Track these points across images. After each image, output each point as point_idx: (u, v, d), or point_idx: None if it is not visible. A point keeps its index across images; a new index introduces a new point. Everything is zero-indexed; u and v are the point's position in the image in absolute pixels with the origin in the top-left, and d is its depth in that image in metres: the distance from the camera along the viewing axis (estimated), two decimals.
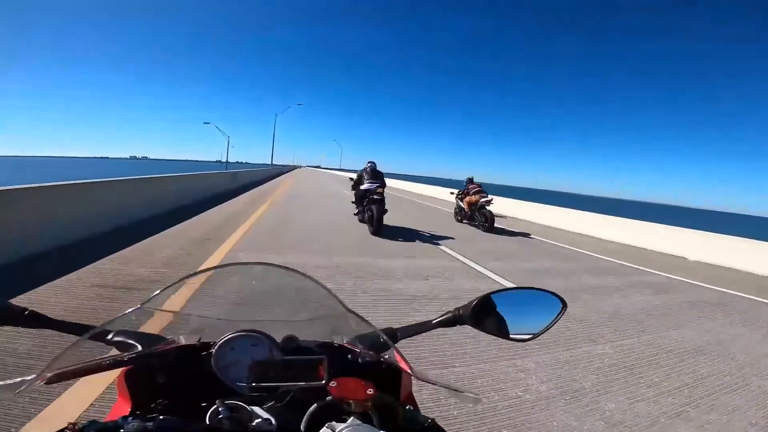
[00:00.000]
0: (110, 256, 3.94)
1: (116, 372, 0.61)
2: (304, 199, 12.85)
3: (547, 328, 0.71)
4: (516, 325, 0.70)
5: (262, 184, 19.44)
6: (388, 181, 8.78)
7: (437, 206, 14.63)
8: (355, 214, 8.20)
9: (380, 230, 6.76)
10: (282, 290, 0.88)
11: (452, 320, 0.71)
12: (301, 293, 0.84)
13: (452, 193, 10.89)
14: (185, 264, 3.92)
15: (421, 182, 25.57)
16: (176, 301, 0.86)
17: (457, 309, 0.71)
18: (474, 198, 9.15)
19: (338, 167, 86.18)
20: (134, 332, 0.62)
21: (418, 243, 6.52)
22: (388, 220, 7.39)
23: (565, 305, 0.73)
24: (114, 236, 4.84)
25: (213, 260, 4.14)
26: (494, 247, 6.89)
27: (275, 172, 35.47)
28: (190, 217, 6.82)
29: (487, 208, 8.91)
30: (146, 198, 6.79)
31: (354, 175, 8.32)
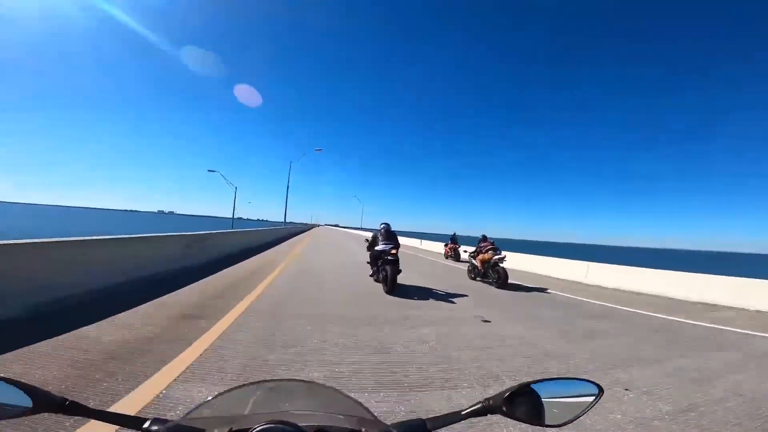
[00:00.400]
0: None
1: None
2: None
3: (583, 413, 0.71)
4: (548, 413, 0.70)
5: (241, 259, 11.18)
6: (403, 240, 9.24)
7: (452, 264, 14.89)
8: (370, 275, 8.42)
9: (394, 289, 6.99)
10: (311, 394, 1.01)
11: (483, 410, 0.70)
12: (329, 399, 0.96)
13: (465, 251, 11.38)
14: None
15: (435, 240, 24.56)
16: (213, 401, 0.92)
17: (488, 399, 0.71)
18: (487, 255, 9.41)
19: (359, 226, 78.90)
20: (171, 422, 0.66)
21: (431, 301, 6.60)
22: (403, 279, 7.69)
23: (601, 391, 0.73)
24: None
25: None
26: (504, 301, 7.19)
27: (284, 233, 28.02)
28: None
29: (501, 265, 9.06)
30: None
31: (369, 236, 8.67)
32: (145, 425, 0.64)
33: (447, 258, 17.21)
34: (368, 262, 8.60)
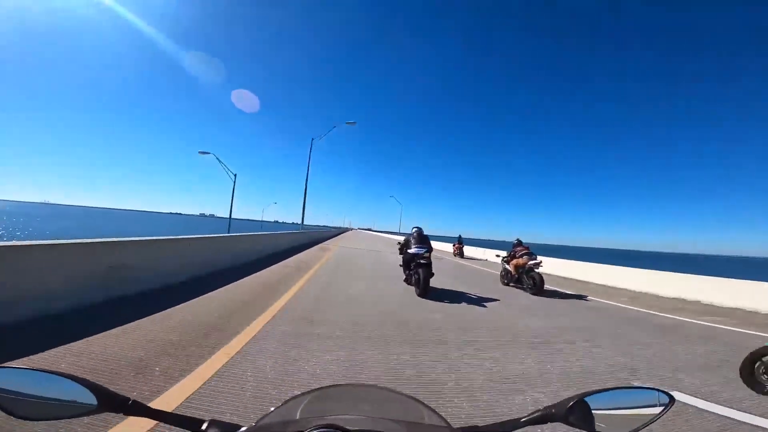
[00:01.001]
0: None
1: None
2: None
3: (648, 424, 0.67)
4: (613, 421, 0.67)
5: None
6: (436, 244, 9.29)
7: (485, 269, 14.55)
8: (405, 280, 8.37)
9: (427, 293, 6.97)
10: (370, 396, 0.99)
11: (542, 417, 0.67)
12: (389, 401, 0.93)
13: (498, 256, 11.05)
14: None
15: (472, 245, 24.24)
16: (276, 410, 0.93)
17: (549, 407, 0.68)
18: (521, 260, 9.09)
19: (396, 230, 67.32)
20: (227, 424, 0.67)
21: (463, 304, 6.58)
22: (436, 283, 7.70)
23: (672, 400, 0.70)
24: None
25: None
26: (536, 307, 6.94)
27: (304, 239, 21.43)
28: None
29: (536, 270, 8.71)
30: None
31: (402, 239, 8.78)
32: (203, 427, 0.65)
33: (455, 256, 21.41)
34: (401, 265, 8.65)
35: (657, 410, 0.69)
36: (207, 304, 5.06)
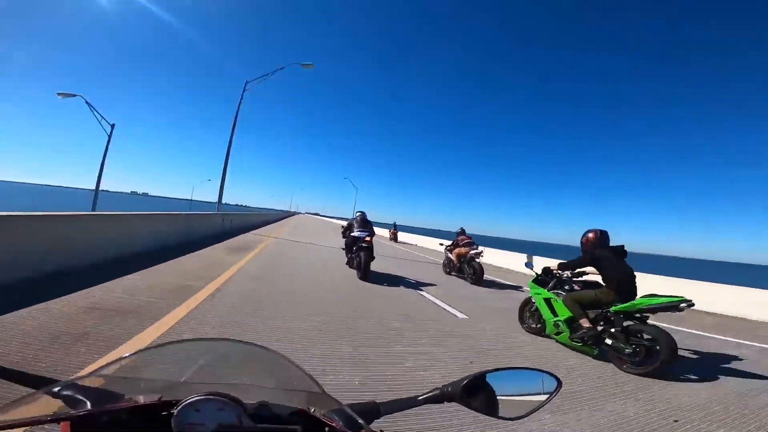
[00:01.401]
0: None
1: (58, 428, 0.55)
2: None
3: (540, 407, 0.71)
4: (507, 403, 0.70)
5: None
6: (379, 230, 9.18)
7: (433, 258, 14.68)
8: (347, 263, 8.43)
9: (368, 276, 7.09)
10: (255, 361, 0.85)
11: (440, 396, 0.69)
12: (275, 367, 0.82)
13: (441, 245, 11.03)
14: None
15: (416, 233, 25.90)
16: (139, 364, 0.79)
17: (446, 386, 0.70)
18: (463, 250, 9.11)
19: (350, 215, 53.37)
20: (86, 387, 0.57)
21: (401, 288, 6.86)
22: (378, 268, 7.85)
23: (560, 384, 0.73)
24: None
25: None
26: (470, 294, 7.20)
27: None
28: None
29: (477, 260, 8.76)
30: None
31: (345, 223, 8.83)
32: (56, 389, 0.55)
33: (390, 240, 24.15)
34: (343, 248, 8.69)
35: (547, 393, 0.72)
36: None
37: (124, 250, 6.44)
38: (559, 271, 4.39)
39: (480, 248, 9.16)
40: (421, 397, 0.69)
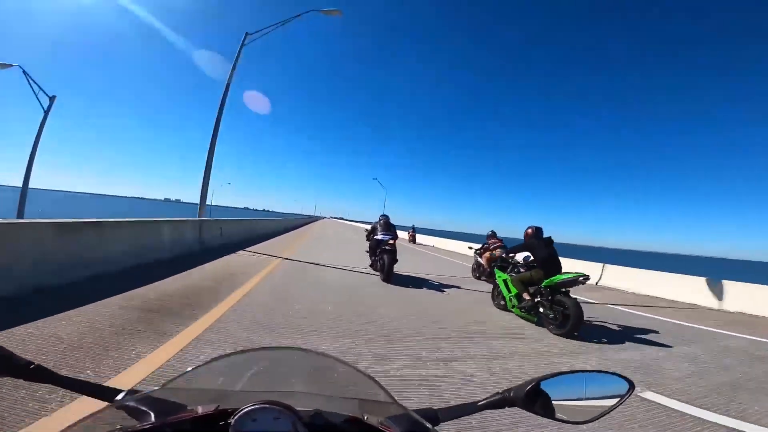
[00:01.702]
0: None
1: None
2: None
3: (609, 410, 0.67)
4: (573, 407, 0.67)
5: None
6: (422, 237, 9.15)
7: (430, 252, 14.89)
8: (370, 266, 8.45)
9: (391, 277, 7.20)
10: (310, 367, 0.87)
11: (501, 401, 0.66)
12: (330, 372, 0.84)
13: (470, 248, 10.56)
14: None
15: (457, 239, 27.24)
16: (198, 375, 0.79)
17: (507, 390, 0.67)
18: (496, 253, 8.42)
19: (373, 218, 47.74)
20: (147, 396, 0.59)
21: (424, 290, 6.94)
22: (403, 269, 8.13)
23: (632, 386, 0.69)
24: None
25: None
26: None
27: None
28: None
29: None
30: None
31: (369, 227, 9.01)
32: (119, 397, 0.59)
33: (409, 242, 25.34)
34: (367, 251, 8.81)
35: (617, 395, 0.68)
36: None
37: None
38: (510, 255, 5.97)
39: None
40: (481, 403, 0.67)
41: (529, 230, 5.56)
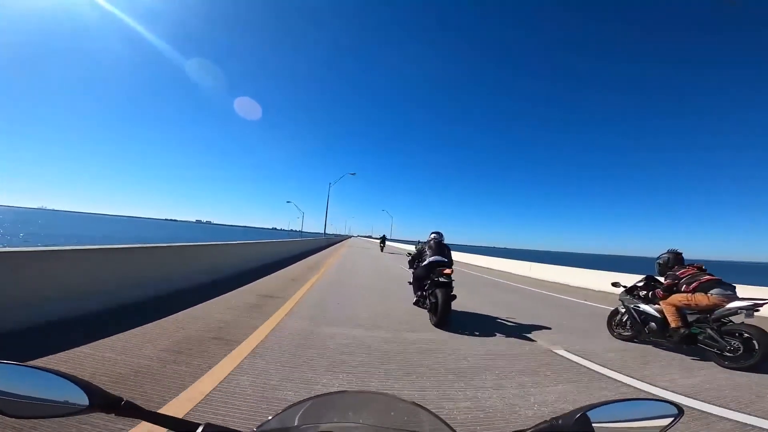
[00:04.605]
0: None
1: None
2: None
3: None
4: None
5: None
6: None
7: (523, 286, 11.60)
8: (415, 303, 6.25)
9: (445, 322, 4.99)
10: (368, 404, 0.91)
11: (548, 429, 0.63)
12: (385, 406, 0.89)
13: (617, 285, 5.43)
14: None
15: (472, 252, 25.34)
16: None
17: (555, 418, 0.63)
18: (707, 299, 4.19)
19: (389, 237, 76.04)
20: (222, 428, 0.61)
21: (499, 339, 4.52)
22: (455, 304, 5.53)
23: (681, 412, 0.66)
24: None
25: None
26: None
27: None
28: None
29: (747, 320, 4.02)
30: None
31: (412, 249, 7.12)
32: (198, 430, 0.61)
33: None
34: (410, 283, 6.55)
35: (665, 422, 0.65)
36: None
37: None
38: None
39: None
40: (529, 430, 0.64)
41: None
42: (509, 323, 5.54)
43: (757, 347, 3.74)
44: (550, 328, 5.31)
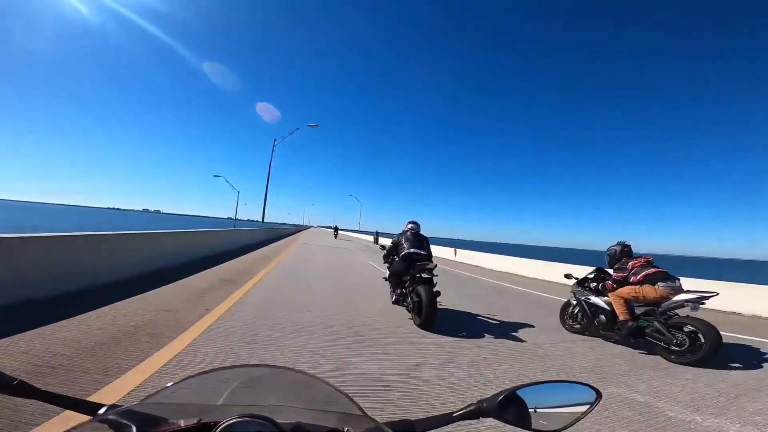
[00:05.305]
0: None
1: None
2: None
3: (579, 418, 0.68)
4: (544, 417, 0.67)
5: None
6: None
7: (490, 279, 11.94)
8: (394, 302, 5.61)
9: (431, 323, 4.63)
10: (289, 384, 0.90)
11: (475, 412, 0.67)
12: (308, 388, 0.88)
13: (569, 276, 5.62)
14: None
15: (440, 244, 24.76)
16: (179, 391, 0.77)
17: (481, 401, 0.67)
18: (654, 290, 4.31)
19: (357, 228, 69.87)
20: (129, 410, 0.59)
21: (487, 341, 4.36)
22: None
23: (599, 396, 0.71)
24: None
25: None
26: None
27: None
28: None
29: (692, 313, 4.19)
30: None
31: (386, 242, 6.79)
32: (100, 411, 0.60)
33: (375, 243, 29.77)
34: (385, 278, 6.11)
35: (585, 406, 0.69)
36: None
37: None
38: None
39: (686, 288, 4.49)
40: (456, 414, 0.67)
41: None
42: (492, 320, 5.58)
43: (703, 341, 3.83)
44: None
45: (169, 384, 0.77)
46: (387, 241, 23.81)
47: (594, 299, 4.89)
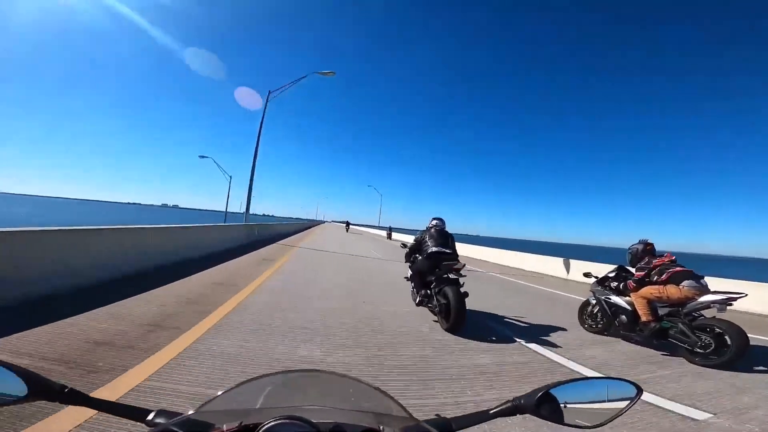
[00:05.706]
0: None
1: None
2: None
3: (619, 414, 0.68)
4: (581, 413, 0.67)
5: None
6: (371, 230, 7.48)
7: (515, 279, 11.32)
8: (418, 304, 5.27)
9: (460, 326, 4.40)
10: (327, 386, 0.93)
11: (512, 409, 0.67)
12: (347, 389, 0.88)
13: (588, 275, 5.62)
14: None
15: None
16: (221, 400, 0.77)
17: (518, 398, 0.68)
18: (678, 291, 4.19)
19: (377, 224, 66.40)
20: (176, 414, 0.62)
21: (513, 345, 4.18)
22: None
23: (640, 391, 0.70)
24: None
25: None
26: None
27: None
28: None
29: (717, 314, 4.10)
30: None
31: (409, 240, 6.78)
32: (149, 417, 0.62)
33: (387, 238, 33.46)
34: (407, 278, 5.80)
35: (624, 402, 0.69)
36: None
37: None
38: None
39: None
40: (492, 411, 0.68)
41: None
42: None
43: (729, 343, 3.71)
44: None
45: (219, 392, 0.80)
46: (403, 238, 22.94)
47: (614, 299, 4.80)
